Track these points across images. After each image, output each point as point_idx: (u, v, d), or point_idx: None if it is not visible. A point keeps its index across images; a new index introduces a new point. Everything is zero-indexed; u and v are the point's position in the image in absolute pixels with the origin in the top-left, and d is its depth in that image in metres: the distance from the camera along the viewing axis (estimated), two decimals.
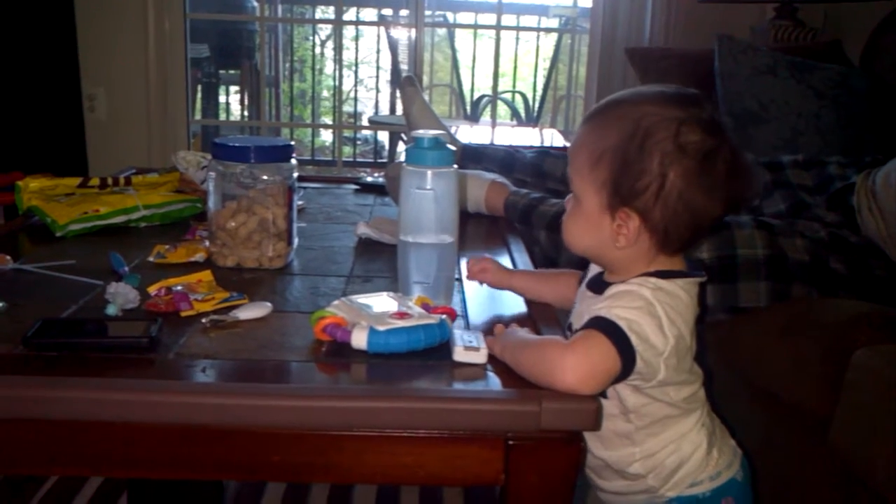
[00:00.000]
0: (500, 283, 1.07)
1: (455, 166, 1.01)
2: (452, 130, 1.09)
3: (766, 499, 1.39)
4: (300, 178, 1.20)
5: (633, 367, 0.81)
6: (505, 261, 1.24)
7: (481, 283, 1.07)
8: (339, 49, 4.04)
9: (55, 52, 3.09)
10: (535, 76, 5.10)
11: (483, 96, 4.94)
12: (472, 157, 1.80)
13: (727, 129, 0.86)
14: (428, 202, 0.99)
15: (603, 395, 0.88)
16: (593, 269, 0.98)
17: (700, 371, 0.93)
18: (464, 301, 1.05)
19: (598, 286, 0.92)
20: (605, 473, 0.96)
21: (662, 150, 0.83)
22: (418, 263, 1.00)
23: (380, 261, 1.21)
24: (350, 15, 5.46)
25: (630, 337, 0.80)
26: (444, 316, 0.89)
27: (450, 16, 5.17)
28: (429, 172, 0.98)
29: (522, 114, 4.99)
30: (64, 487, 1.71)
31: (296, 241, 1.20)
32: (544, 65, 5.00)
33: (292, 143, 1.17)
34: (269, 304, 0.97)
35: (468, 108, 4.92)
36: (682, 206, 0.84)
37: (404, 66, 4.55)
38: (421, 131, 1.02)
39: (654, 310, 0.83)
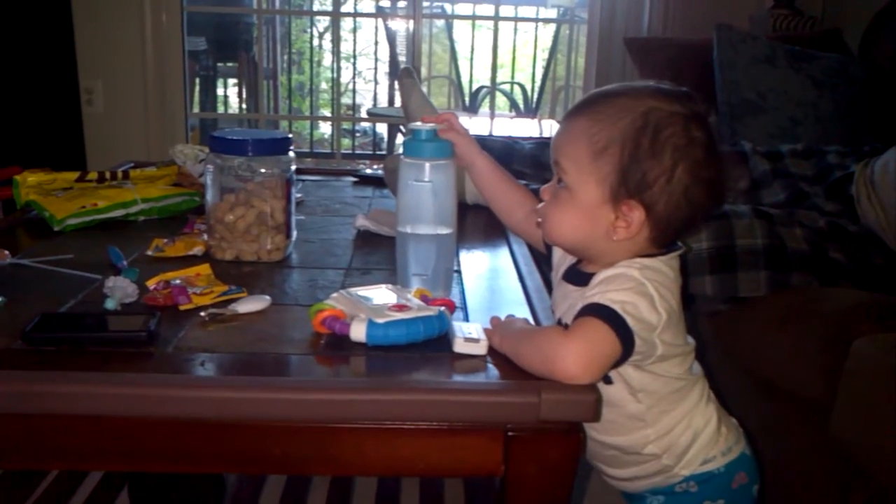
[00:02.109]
0: (464, 155, 1.06)
1: (452, 158, 1.01)
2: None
3: (767, 488, 1.39)
4: (298, 171, 1.20)
5: (633, 349, 0.82)
6: (504, 254, 1.24)
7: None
8: (337, 41, 4.03)
9: (52, 46, 3.08)
10: (534, 67, 5.09)
11: (481, 87, 4.93)
12: None
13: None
14: (426, 194, 0.99)
15: (608, 381, 0.88)
16: (566, 259, 0.98)
17: (693, 341, 0.94)
18: (463, 293, 1.05)
19: (579, 277, 0.92)
20: (616, 461, 0.96)
21: (675, 143, 0.85)
22: (417, 255, 1.00)
23: (378, 253, 1.21)
24: (348, 7, 5.45)
25: (626, 319, 0.81)
26: (442, 308, 0.89)
27: (448, 7, 5.17)
28: (426, 164, 0.98)
29: (521, 105, 4.98)
30: (65, 481, 1.72)
31: (294, 233, 1.19)
32: (543, 55, 5.00)
33: (290, 135, 1.17)
34: (267, 298, 0.96)
35: (467, 99, 4.92)
36: (684, 200, 0.86)
37: (402, 58, 4.54)
38: (418, 123, 1.01)
39: (646, 288, 0.84)
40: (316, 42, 6.00)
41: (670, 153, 0.85)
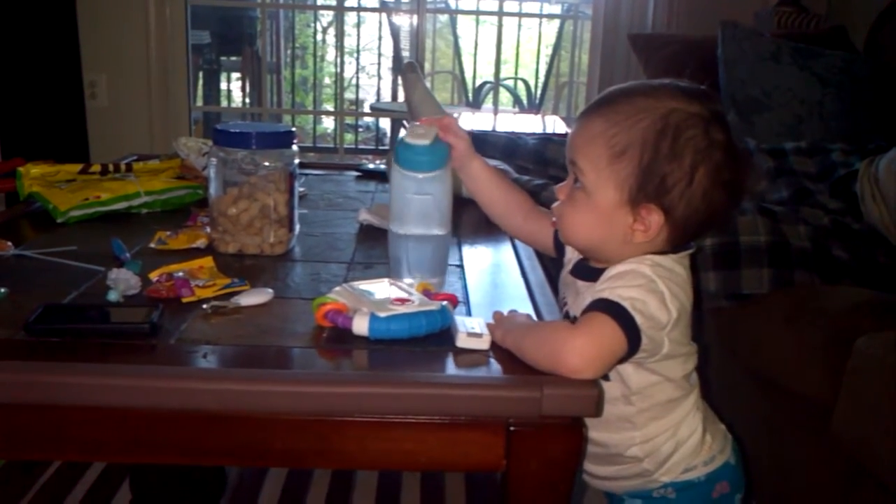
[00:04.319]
0: (460, 158, 1.03)
1: (447, 165, 1.00)
2: (454, 117, 1.09)
3: (769, 486, 1.39)
4: (301, 165, 1.20)
5: (639, 346, 0.81)
6: (506, 249, 1.24)
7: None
8: (340, 36, 4.03)
9: (56, 39, 3.08)
10: (538, 63, 5.08)
11: (485, 83, 4.92)
12: (474, 144, 1.80)
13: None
14: (421, 205, 0.98)
15: (605, 377, 0.88)
16: (575, 254, 0.97)
17: (696, 345, 0.93)
18: (465, 288, 1.05)
19: (588, 273, 0.92)
20: (598, 459, 0.96)
21: (695, 146, 0.83)
22: (409, 257, 1.00)
23: (381, 247, 1.21)
24: (352, 1, 5.43)
25: (634, 316, 0.80)
26: (445, 302, 0.89)
27: (451, 2, 5.16)
28: (420, 176, 0.97)
29: (525, 100, 4.97)
30: (66, 473, 1.72)
31: (297, 227, 1.19)
32: (546, 51, 4.99)
33: (294, 129, 1.17)
34: (270, 291, 0.96)
35: (470, 94, 4.91)
36: (704, 204, 0.85)
37: (406, 53, 4.54)
38: (412, 136, 0.98)
39: (656, 286, 0.83)
40: (319, 36, 5.99)
41: (690, 156, 0.83)
